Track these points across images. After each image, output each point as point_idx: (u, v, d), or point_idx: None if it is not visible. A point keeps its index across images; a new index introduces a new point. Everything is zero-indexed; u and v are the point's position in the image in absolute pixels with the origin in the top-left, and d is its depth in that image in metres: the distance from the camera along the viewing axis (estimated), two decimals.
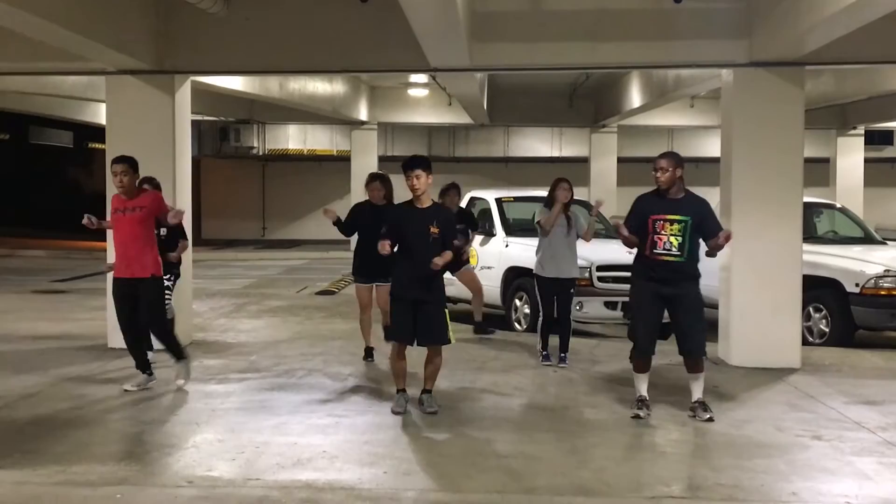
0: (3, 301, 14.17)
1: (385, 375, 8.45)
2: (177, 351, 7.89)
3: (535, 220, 9.39)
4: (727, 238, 6.83)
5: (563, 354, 9.09)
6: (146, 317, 7.66)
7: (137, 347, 7.82)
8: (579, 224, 9.10)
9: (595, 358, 9.48)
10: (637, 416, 6.97)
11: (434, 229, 6.95)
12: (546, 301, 9.13)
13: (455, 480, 5.56)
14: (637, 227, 6.92)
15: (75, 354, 9.40)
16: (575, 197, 9.30)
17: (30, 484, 5.42)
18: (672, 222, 6.77)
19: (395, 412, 7.05)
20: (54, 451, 6.06)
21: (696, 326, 6.92)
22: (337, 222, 9.01)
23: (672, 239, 6.76)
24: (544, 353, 9.12)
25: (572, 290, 9.16)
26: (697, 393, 7.06)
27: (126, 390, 7.70)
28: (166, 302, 8.35)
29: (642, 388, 7.11)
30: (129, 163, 7.63)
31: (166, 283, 8.21)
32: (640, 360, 7.09)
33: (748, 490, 5.42)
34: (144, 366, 7.85)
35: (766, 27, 8.80)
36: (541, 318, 9.23)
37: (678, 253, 6.78)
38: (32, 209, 33.50)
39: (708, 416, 6.92)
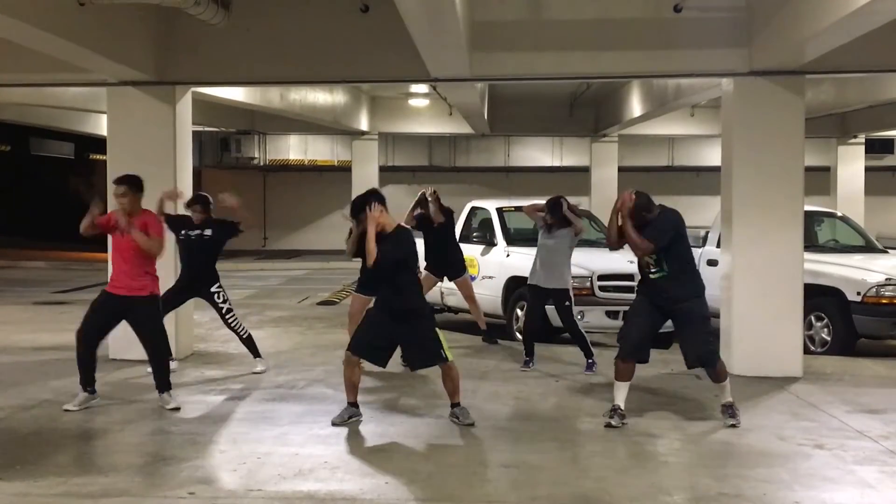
0: (4, 312, 14.17)
1: (386, 385, 8.44)
2: (164, 378, 7.59)
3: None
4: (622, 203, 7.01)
5: (589, 361, 9.23)
6: (148, 338, 7.49)
7: (89, 362, 7.55)
8: (564, 237, 9.19)
9: (597, 367, 9.47)
10: (609, 425, 6.94)
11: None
12: (529, 306, 9.18)
13: (457, 490, 5.56)
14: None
15: (76, 366, 9.36)
16: (579, 207, 9.42)
17: (31, 496, 5.41)
18: None
19: (332, 423, 6.94)
20: (55, 462, 6.06)
21: (696, 339, 6.94)
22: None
23: (648, 259, 7.01)
24: (526, 358, 9.22)
25: (567, 303, 9.24)
26: (723, 397, 7.15)
27: (66, 410, 7.40)
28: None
29: (619, 397, 7.06)
30: (128, 184, 7.41)
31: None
32: (622, 362, 7.05)
33: (750, 499, 5.41)
34: (90, 382, 7.58)
35: (766, 36, 8.80)
36: (523, 325, 9.30)
37: (656, 269, 7.00)
38: (33, 220, 33.50)
39: (731, 422, 6.98)
